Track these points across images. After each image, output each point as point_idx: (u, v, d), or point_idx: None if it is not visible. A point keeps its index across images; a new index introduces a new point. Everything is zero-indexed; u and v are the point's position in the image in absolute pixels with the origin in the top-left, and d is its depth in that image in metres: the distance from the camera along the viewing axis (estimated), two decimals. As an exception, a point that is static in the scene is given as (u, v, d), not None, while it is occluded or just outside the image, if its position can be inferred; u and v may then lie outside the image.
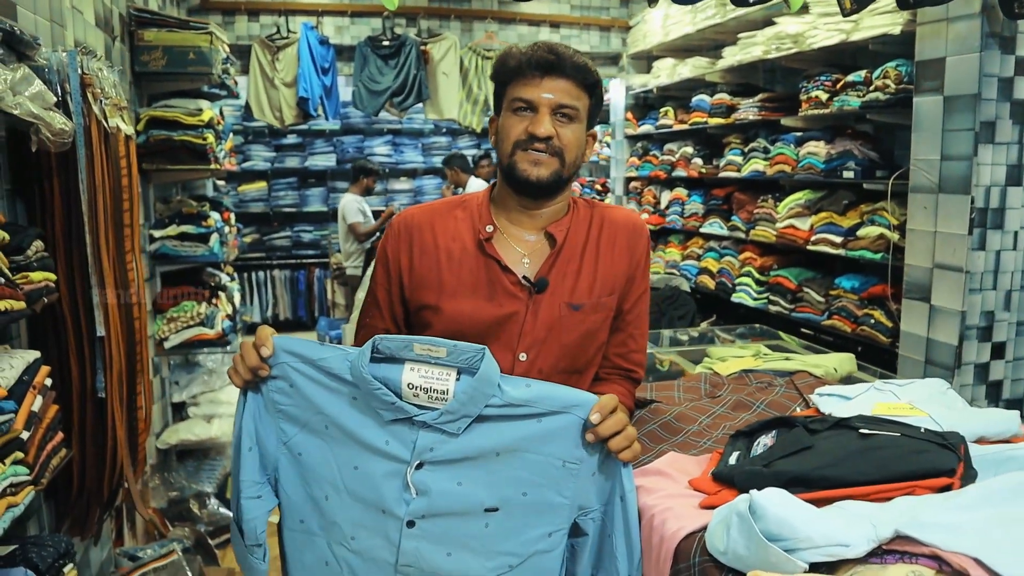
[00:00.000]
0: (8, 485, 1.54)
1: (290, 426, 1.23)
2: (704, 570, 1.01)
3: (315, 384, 1.21)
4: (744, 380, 1.76)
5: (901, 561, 0.88)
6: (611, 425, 1.13)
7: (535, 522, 1.18)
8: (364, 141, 7.89)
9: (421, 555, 1.18)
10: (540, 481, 1.17)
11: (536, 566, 1.19)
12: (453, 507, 1.17)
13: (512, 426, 1.15)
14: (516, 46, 1.40)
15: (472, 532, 1.18)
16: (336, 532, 1.23)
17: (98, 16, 2.82)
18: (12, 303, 1.58)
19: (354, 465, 1.20)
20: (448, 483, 1.16)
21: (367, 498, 1.19)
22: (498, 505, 1.17)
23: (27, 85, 1.69)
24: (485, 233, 1.42)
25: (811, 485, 1.05)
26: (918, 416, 1.29)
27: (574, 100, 1.37)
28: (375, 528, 1.20)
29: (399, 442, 1.17)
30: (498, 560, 1.18)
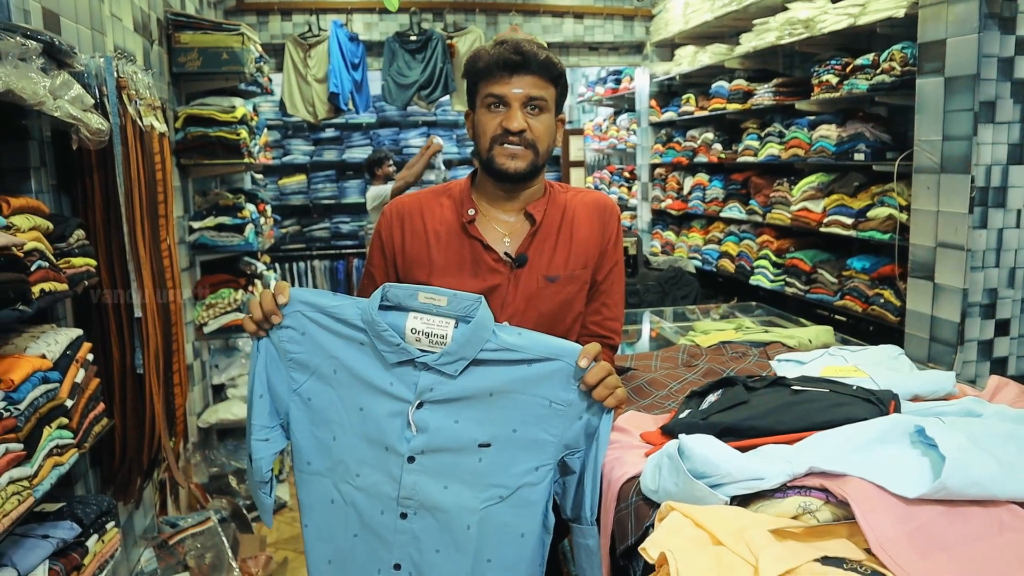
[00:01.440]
0: (55, 446, 1.74)
1: (300, 374, 1.35)
2: (638, 508, 1.14)
3: (326, 331, 1.34)
4: (721, 351, 1.88)
5: (797, 494, 1.00)
6: (596, 372, 1.26)
7: (524, 457, 1.30)
8: (399, 133, 8.08)
9: (420, 488, 1.32)
10: (529, 419, 1.29)
11: (524, 497, 1.31)
12: (450, 443, 1.31)
13: (505, 370, 1.28)
14: (484, 47, 1.54)
15: (466, 466, 1.31)
16: (342, 470, 1.36)
17: (136, 22, 3.02)
18: (56, 285, 1.78)
19: (360, 407, 1.33)
20: (446, 421, 1.30)
21: (372, 436, 1.33)
22: (490, 441, 1.30)
23: (67, 89, 1.88)
24: (467, 216, 1.56)
25: (740, 434, 1.17)
26: (859, 377, 1.40)
27: (542, 91, 1.50)
28: (378, 465, 1.33)
29: (402, 384, 1.30)
30: (490, 492, 1.31)
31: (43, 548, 1.71)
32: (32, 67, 1.72)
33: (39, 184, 2.08)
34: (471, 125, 1.59)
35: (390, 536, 1.34)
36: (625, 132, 6.76)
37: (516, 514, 1.32)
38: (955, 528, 0.93)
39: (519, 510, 1.32)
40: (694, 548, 0.90)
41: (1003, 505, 0.97)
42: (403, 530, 1.34)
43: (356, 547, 1.37)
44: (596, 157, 8.32)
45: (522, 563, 1.34)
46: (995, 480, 0.97)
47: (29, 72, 1.68)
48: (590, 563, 1.33)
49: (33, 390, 1.62)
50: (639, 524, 1.11)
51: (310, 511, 1.41)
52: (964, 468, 0.95)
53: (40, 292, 1.70)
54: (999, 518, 0.96)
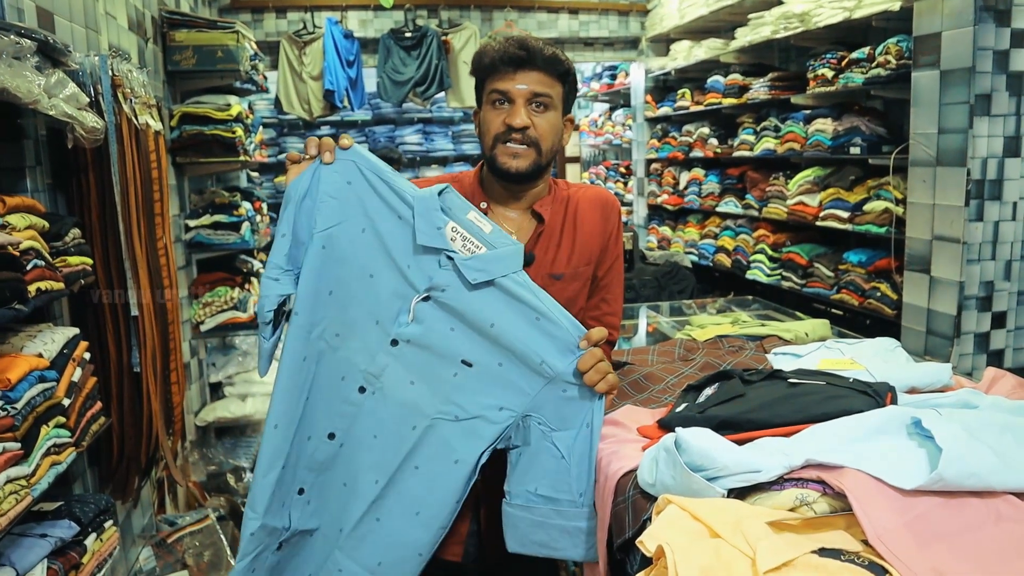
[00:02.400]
0: (52, 445, 1.73)
1: (327, 219, 1.31)
2: (635, 502, 1.14)
3: (372, 190, 1.31)
4: (718, 344, 1.88)
5: (794, 487, 1.01)
6: (590, 357, 1.28)
7: (495, 392, 1.32)
8: (395, 131, 8.06)
9: (389, 372, 1.32)
10: (516, 363, 1.30)
11: (474, 428, 1.32)
12: (437, 345, 1.32)
13: (517, 307, 1.29)
14: (490, 43, 1.52)
15: (440, 374, 1.32)
16: (323, 326, 1.33)
17: (131, 20, 3.01)
18: (52, 284, 1.78)
19: (370, 273, 1.32)
20: (443, 323, 1.31)
21: (368, 305, 1.32)
22: (474, 362, 1.31)
23: (61, 88, 1.88)
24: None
25: (737, 427, 1.18)
26: (856, 369, 1.40)
27: (547, 88, 1.49)
28: (362, 334, 1.33)
29: (419, 271, 1.30)
30: (449, 408, 1.32)
31: (41, 547, 1.71)
32: (27, 65, 1.71)
33: (34, 183, 2.08)
34: (478, 122, 1.58)
35: (339, 405, 1.34)
36: (621, 127, 6.76)
37: (461, 439, 1.33)
38: (952, 518, 0.94)
39: (465, 436, 1.33)
40: (692, 541, 0.90)
41: (1000, 496, 0.97)
42: (353, 402, 1.34)
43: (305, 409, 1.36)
44: (592, 153, 8.32)
45: (443, 487, 1.34)
46: (992, 471, 0.97)
47: (24, 71, 1.68)
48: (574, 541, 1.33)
49: (30, 389, 1.62)
50: (636, 517, 1.12)
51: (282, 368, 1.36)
52: (961, 459, 0.95)
53: (36, 291, 1.69)
54: (996, 508, 0.96)
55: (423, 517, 1.36)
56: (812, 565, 0.86)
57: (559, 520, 1.34)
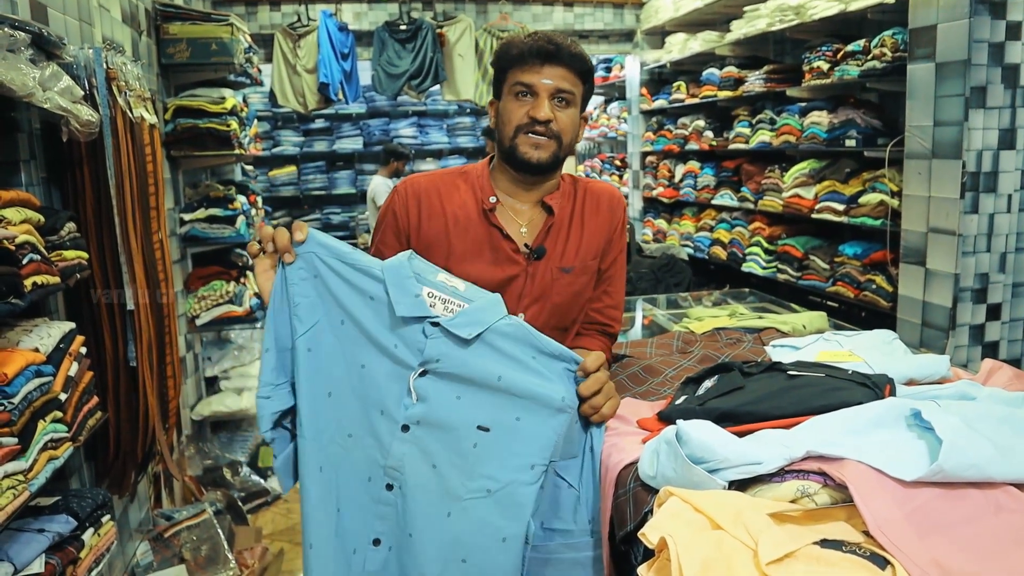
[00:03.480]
0: (49, 440, 1.73)
1: (304, 321, 1.27)
2: (636, 494, 1.14)
3: (338, 277, 1.26)
4: (716, 337, 1.88)
5: (795, 478, 1.01)
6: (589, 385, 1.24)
7: (521, 450, 1.22)
8: (390, 124, 8.05)
9: (408, 461, 1.25)
10: (535, 409, 1.22)
11: (512, 496, 1.22)
12: (448, 419, 1.23)
13: (515, 351, 1.24)
14: (518, 36, 1.52)
15: (460, 448, 1.23)
16: (333, 430, 1.28)
17: (124, 13, 2.99)
18: (48, 278, 1.77)
19: (362, 363, 1.26)
20: (447, 394, 1.24)
21: (369, 396, 1.26)
22: (490, 426, 1.22)
23: (56, 81, 1.87)
24: (489, 204, 1.55)
25: (737, 419, 1.18)
26: (854, 361, 1.40)
27: (571, 86, 1.50)
28: (371, 428, 1.26)
29: (407, 347, 1.25)
30: (478, 482, 1.23)
31: (39, 542, 1.71)
32: (21, 58, 1.70)
33: (29, 177, 2.07)
34: (495, 113, 1.57)
35: (373, 506, 1.28)
36: (616, 120, 6.75)
37: (501, 514, 1.23)
38: (952, 509, 0.94)
39: (504, 509, 1.23)
40: (694, 532, 0.91)
41: (999, 487, 0.98)
42: (387, 501, 1.27)
43: (339, 522, 1.30)
44: (587, 145, 8.31)
45: (499, 572, 1.24)
46: (991, 462, 0.98)
47: (18, 63, 1.66)
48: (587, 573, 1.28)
49: (27, 384, 1.61)
50: (638, 510, 1.12)
51: (302, 484, 1.31)
52: (961, 450, 0.96)
53: (32, 285, 1.69)
54: (996, 499, 0.96)
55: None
56: (814, 556, 0.86)
57: (571, 553, 1.29)
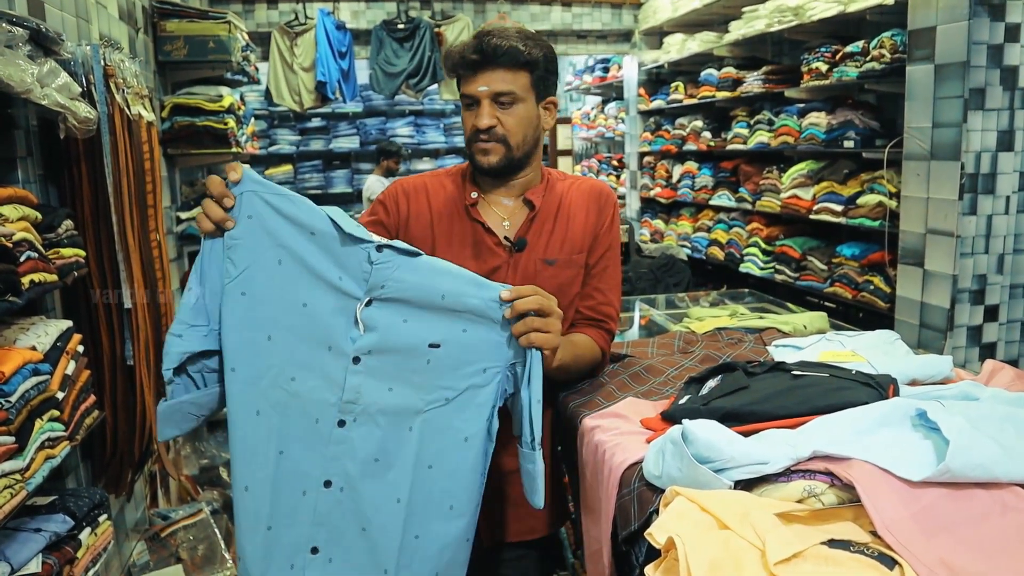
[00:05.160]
0: (46, 439, 1.72)
1: (237, 264, 1.24)
2: (641, 494, 1.14)
3: (277, 215, 1.23)
4: (717, 337, 1.88)
5: (802, 478, 1.01)
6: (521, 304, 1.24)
7: (472, 358, 1.27)
8: (386, 123, 8.04)
9: (364, 390, 1.26)
10: (478, 319, 1.26)
11: (470, 399, 1.28)
12: (399, 343, 1.26)
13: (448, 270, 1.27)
14: (454, 46, 1.55)
15: (414, 367, 1.26)
16: (274, 375, 1.26)
17: (121, 10, 2.98)
18: (45, 276, 1.76)
19: (303, 302, 1.25)
20: (395, 319, 1.25)
21: (314, 335, 1.25)
22: (440, 342, 1.26)
23: (54, 77, 1.85)
24: (470, 199, 1.58)
25: (742, 419, 1.17)
26: (857, 362, 1.40)
27: (509, 85, 1.49)
28: (318, 367, 1.25)
29: (352, 278, 1.24)
30: (436, 394, 1.27)
31: (36, 542, 1.70)
32: (19, 54, 1.69)
33: (26, 174, 2.05)
34: None
35: (323, 448, 1.27)
36: (613, 120, 6.75)
37: (461, 417, 1.28)
38: (959, 509, 0.94)
39: (464, 413, 1.28)
40: (701, 532, 0.90)
41: (1005, 487, 0.98)
42: (340, 439, 1.27)
43: (283, 464, 1.28)
44: (584, 146, 8.31)
45: (464, 469, 1.29)
46: (996, 462, 0.98)
47: (16, 59, 1.65)
48: (529, 484, 1.31)
49: (24, 382, 1.60)
50: (642, 510, 1.11)
51: (233, 427, 1.28)
52: (967, 451, 0.95)
53: (29, 283, 1.67)
54: (1002, 499, 0.96)
55: (458, 508, 1.31)
56: (822, 556, 0.86)
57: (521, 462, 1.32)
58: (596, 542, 1.31)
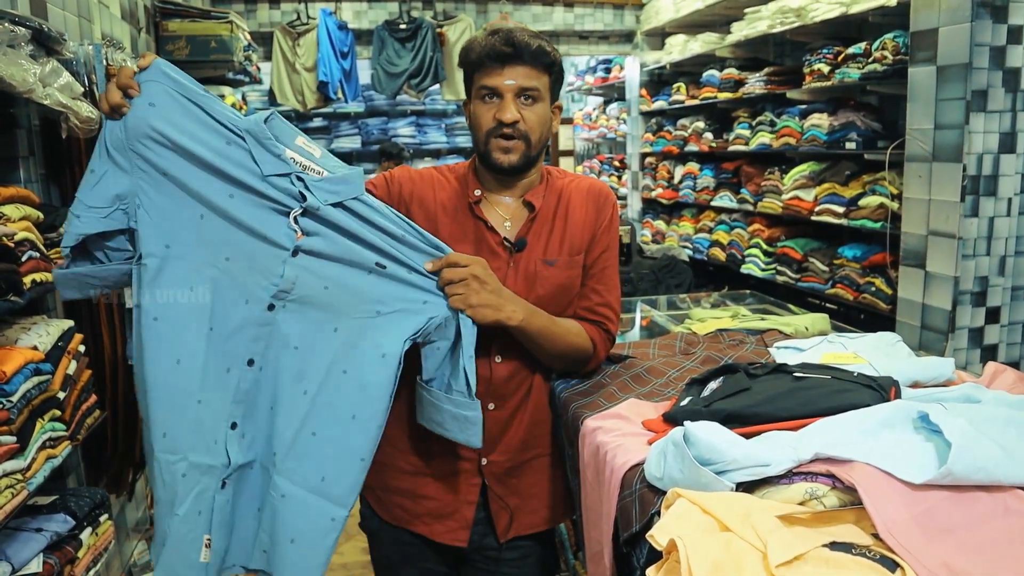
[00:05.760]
0: (47, 439, 1.72)
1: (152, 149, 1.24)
2: (642, 495, 1.14)
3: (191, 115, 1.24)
4: (718, 338, 1.88)
5: (804, 480, 1.01)
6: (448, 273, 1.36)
7: (414, 288, 1.34)
8: (388, 123, 8.03)
9: (300, 283, 1.29)
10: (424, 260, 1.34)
11: (397, 321, 1.33)
12: (345, 254, 1.30)
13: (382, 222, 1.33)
14: (477, 38, 1.53)
15: (355, 277, 1.32)
16: (208, 252, 1.28)
17: (123, 9, 2.98)
18: (46, 275, 1.76)
19: (229, 194, 1.26)
20: (341, 236, 1.30)
21: (245, 223, 1.27)
22: (387, 265, 1.32)
23: (56, 77, 1.86)
24: (474, 197, 1.57)
25: (744, 421, 1.17)
26: (859, 364, 1.40)
27: (534, 82, 1.49)
28: (252, 252, 1.28)
29: (279, 191, 1.26)
30: (368, 305, 1.32)
31: (37, 541, 1.70)
32: (21, 54, 1.69)
33: (27, 173, 2.06)
34: (468, 115, 1.58)
35: (250, 329, 1.30)
36: (615, 121, 6.75)
37: (384, 333, 1.33)
38: (961, 512, 0.94)
39: (388, 330, 1.33)
40: (703, 534, 0.90)
41: (1007, 489, 0.97)
42: (266, 321, 1.30)
43: (210, 343, 1.30)
44: (585, 146, 8.32)
45: (375, 383, 1.33)
46: (999, 466, 0.97)
47: (18, 59, 1.66)
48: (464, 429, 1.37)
49: (25, 382, 1.61)
50: (644, 511, 1.11)
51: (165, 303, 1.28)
52: (969, 454, 0.95)
53: (31, 283, 1.68)
54: (1003, 502, 0.96)
55: (360, 420, 1.33)
56: (823, 559, 0.86)
57: (450, 407, 1.38)
58: (597, 543, 1.31)
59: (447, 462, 1.56)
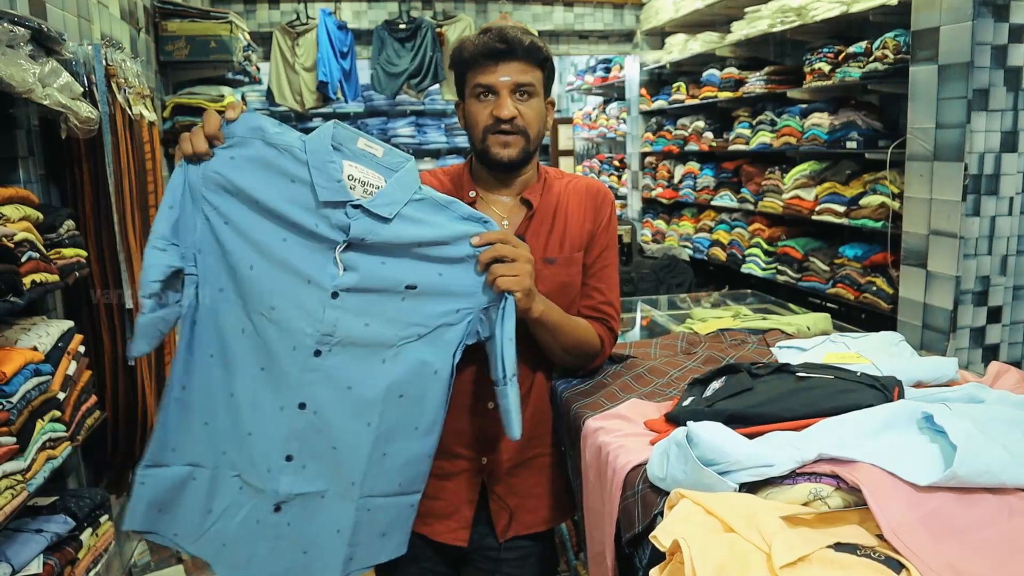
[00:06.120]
0: (47, 439, 1.71)
1: (220, 195, 1.29)
2: (644, 496, 1.13)
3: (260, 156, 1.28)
4: (720, 338, 1.87)
5: (808, 481, 1.00)
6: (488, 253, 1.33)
7: (447, 299, 1.35)
8: (388, 123, 8.02)
9: (341, 324, 1.31)
10: (454, 264, 1.34)
11: (440, 337, 1.36)
12: (376, 283, 1.32)
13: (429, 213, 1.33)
14: (469, 37, 1.53)
15: (390, 305, 1.33)
16: (256, 301, 1.31)
17: (123, 9, 2.98)
18: (47, 276, 1.75)
19: (283, 237, 1.30)
20: (373, 262, 1.31)
21: (294, 267, 1.30)
22: (416, 283, 1.33)
23: (55, 77, 1.85)
24: (468, 198, 1.57)
25: (747, 421, 1.17)
26: (862, 363, 1.39)
27: (529, 77, 1.50)
28: (297, 299, 1.31)
29: (329, 226, 1.29)
30: (409, 330, 1.34)
31: (37, 542, 1.70)
32: (20, 54, 1.69)
33: (27, 174, 2.05)
34: (462, 115, 1.58)
35: (299, 374, 1.33)
36: (615, 121, 6.74)
37: (431, 351, 1.36)
38: (966, 513, 0.93)
39: (434, 347, 1.36)
40: (707, 535, 0.89)
41: (1013, 491, 0.97)
42: (315, 367, 1.32)
43: (264, 380, 1.34)
44: (585, 146, 8.31)
45: (431, 399, 1.38)
46: (1004, 468, 0.97)
47: (18, 59, 1.65)
48: (508, 418, 1.37)
49: (25, 383, 1.60)
50: (646, 512, 1.11)
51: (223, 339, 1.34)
52: (975, 456, 0.95)
53: (31, 283, 1.67)
54: (1008, 504, 0.96)
55: (422, 429, 1.39)
56: (828, 560, 0.85)
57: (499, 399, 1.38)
58: (599, 544, 1.31)
59: (447, 462, 1.55)
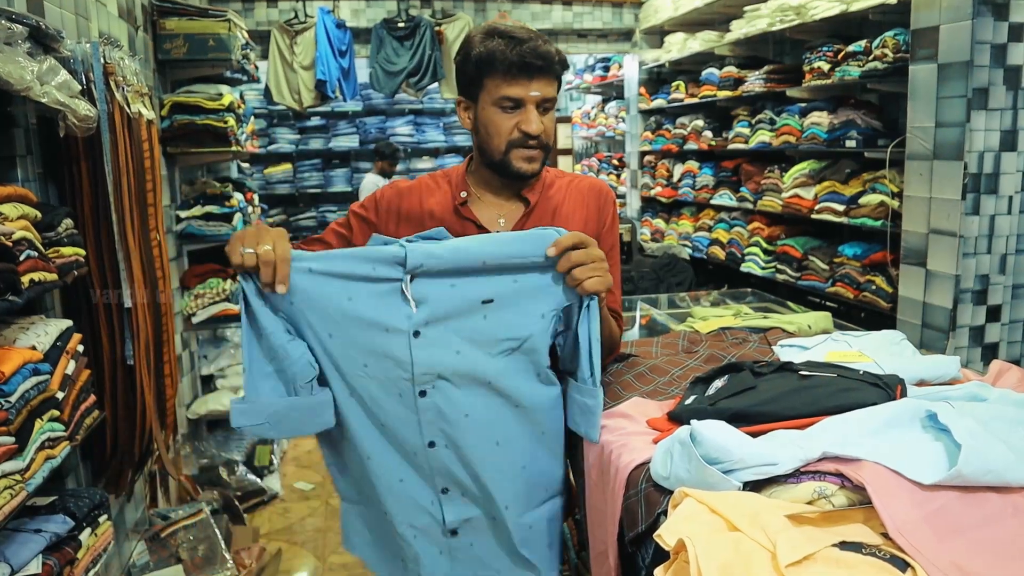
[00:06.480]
0: (46, 439, 1.70)
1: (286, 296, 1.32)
2: (648, 495, 1.13)
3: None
4: (721, 337, 1.87)
5: (812, 480, 1.00)
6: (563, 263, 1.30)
7: (528, 305, 1.33)
8: (386, 122, 8.01)
9: (432, 361, 1.32)
10: (526, 268, 1.32)
11: (533, 344, 1.35)
12: (452, 308, 1.31)
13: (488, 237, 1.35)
14: (498, 44, 1.45)
15: (474, 326, 1.32)
16: (348, 365, 1.34)
17: (121, 8, 2.96)
18: (45, 275, 1.74)
19: (348, 296, 1.31)
20: (442, 288, 1.30)
21: (369, 320, 1.31)
22: (492, 296, 1.31)
23: (53, 75, 1.84)
24: (460, 199, 1.57)
25: (750, 420, 1.16)
26: (864, 362, 1.39)
27: (553, 91, 1.50)
28: (383, 349, 1.32)
29: (386, 265, 1.30)
30: (501, 347, 1.34)
31: (36, 542, 1.69)
32: (18, 52, 1.68)
33: (25, 172, 2.04)
34: (468, 116, 1.56)
35: (414, 416, 1.35)
36: (614, 120, 6.74)
37: (530, 360, 1.36)
38: (970, 512, 0.93)
39: (530, 355, 1.36)
40: (711, 534, 0.89)
41: (1017, 490, 0.97)
42: (426, 407, 1.35)
43: (387, 435, 1.38)
44: (584, 145, 8.31)
45: (544, 398, 1.39)
46: (1008, 467, 0.97)
47: (15, 56, 1.64)
48: (586, 420, 1.38)
49: (24, 382, 1.59)
50: (650, 511, 1.10)
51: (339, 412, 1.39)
52: (979, 455, 0.94)
53: (29, 282, 1.66)
54: (1013, 502, 0.95)
55: (549, 431, 1.43)
56: (833, 559, 0.85)
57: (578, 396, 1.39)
58: (601, 543, 1.30)
59: None
